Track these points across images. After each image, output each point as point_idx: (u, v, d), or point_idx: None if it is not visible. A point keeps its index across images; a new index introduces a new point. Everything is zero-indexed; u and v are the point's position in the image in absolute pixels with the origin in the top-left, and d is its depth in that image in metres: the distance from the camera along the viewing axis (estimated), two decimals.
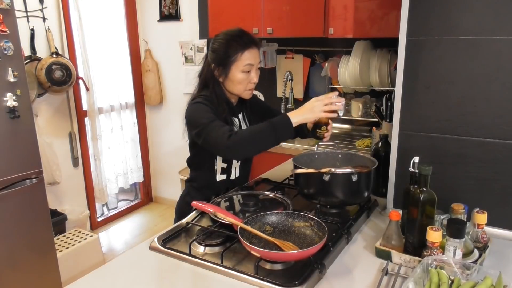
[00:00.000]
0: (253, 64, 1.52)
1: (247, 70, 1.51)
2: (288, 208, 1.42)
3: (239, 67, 1.50)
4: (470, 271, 1.00)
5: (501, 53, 1.26)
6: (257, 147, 1.41)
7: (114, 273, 1.16)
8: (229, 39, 1.51)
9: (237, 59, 1.49)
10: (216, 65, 1.53)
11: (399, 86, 1.43)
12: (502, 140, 1.30)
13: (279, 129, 1.36)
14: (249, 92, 1.58)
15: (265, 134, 1.37)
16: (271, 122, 1.37)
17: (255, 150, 1.44)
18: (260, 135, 1.38)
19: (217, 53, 1.52)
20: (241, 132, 1.40)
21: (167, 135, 3.89)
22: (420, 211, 1.15)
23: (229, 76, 1.52)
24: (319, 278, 1.10)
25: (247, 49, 1.49)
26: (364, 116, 2.71)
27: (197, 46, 3.47)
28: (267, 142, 1.39)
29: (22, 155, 2.12)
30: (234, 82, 1.53)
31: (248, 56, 1.50)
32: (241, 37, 1.51)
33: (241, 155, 1.50)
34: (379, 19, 2.36)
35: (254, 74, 1.54)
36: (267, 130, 1.37)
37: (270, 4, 2.67)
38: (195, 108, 1.51)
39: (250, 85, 1.55)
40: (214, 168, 1.62)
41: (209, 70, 1.55)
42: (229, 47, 1.49)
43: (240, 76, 1.51)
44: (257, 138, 1.38)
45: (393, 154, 1.49)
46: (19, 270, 2.18)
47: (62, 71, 2.84)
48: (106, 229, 3.61)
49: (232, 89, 1.56)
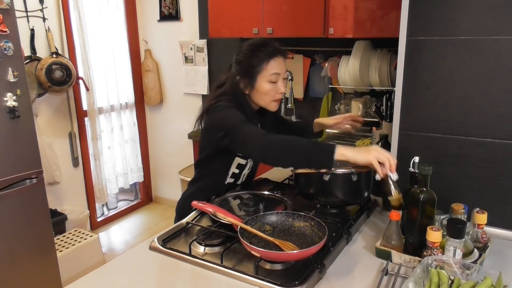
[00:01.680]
0: (279, 73, 1.48)
1: (274, 80, 1.47)
2: (288, 208, 1.42)
3: (265, 77, 1.46)
4: (470, 271, 1.00)
5: (501, 53, 1.26)
6: (288, 158, 1.30)
7: (114, 273, 1.16)
8: (254, 49, 1.47)
9: (263, 69, 1.45)
10: (241, 77, 1.49)
11: (399, 86, 1.43)
12: (502, 140, 1.30)
13: (318, 152, 1.24)
14: (275, 104, 1.53)
15: (301, 149, 1.26)
16: (314, 142, 1.27)
17: (285, 159, 1.31)
18: (296, 146, 1.28)
19: (242, 64, 1.49)
20: (279, 136, 1.33)
21: (167, 135, 3.88)
22: (420, 211, 1.15)
23: (255, 87, 1.48)
24: (319, 278, 1.10)
25: (272, 58, 1.46)
26: (364, 116, 2.70)
27: (197, 46, 3.47)
28: (299, 158, 1.28)
29: (22, 155, 2.12)
30: (261, 93, 1.49)
31: (274, 65, 1.46)
32: (266, 47, 1.47)
33: (269, 158, 1.37)
34: (379, 19, 2.36)
35: (281, 84, 1.50)
36: (305, 147, 1.26)
37: (270, 4, 2.67)
38: (224, 112, 1.45)
39: (277, 96, 1.51)
40: (228, 173, 1.61)
41: (234, 83, 1.51)
42: (254, 57, 1.46)
43: (267, 86, 1.47)
44: (292, 149, 1.28)
45: (393, 154, 1.49)
46: (19, 270, 2.18)
47: (62, 71, 2.84)
48: (106, 229, 3.61)
49: (258, 100, 1.52)
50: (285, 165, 1.37)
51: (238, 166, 1.61)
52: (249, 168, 1.66)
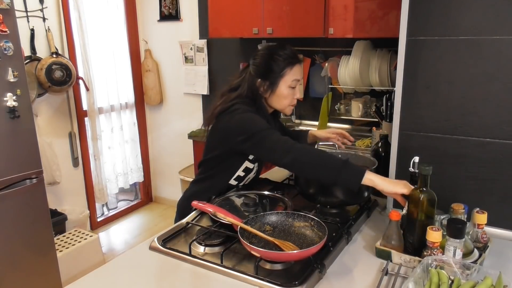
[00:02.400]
0: (299, 79, 1.53)
1: (294, 85, 1.52)
2: (288, 208, 1.42)
3: (287, 82, 1.50)
4: (470, 271, 1.00)
5: (501, 53, 1.26)
6: (318, 172, 1.31)
7: (114, 273, 1.16)
8: (275, 53, 1.50)
9: (286, 74, 1.50)
10: (262, 80, 1.51)
11: (399, 86, 1.43)
12: (502, 140, 1.30)
13: (347, 172, 1.25)
14: (291, 108, 1.58)
15: (333, 167, 1.27)
16: (346, 161, 1.27)
17: (314, 172, 1.32)
18: (328, 162, 1.29)
19: (263, 67, 1.51)
20: (310, 148, 1.37)
21: (167, 135, 3.88)
22: (420, 211, 1.15)
23: (276, 91, 1.51)
24: (319, 278, 1.10)
25: (295, 65, 1.51)
26: (364, 116, 2.71)
27: (197, 46, 3.47)
28: (328, 175, 1.28)
29: (22, 155, 2.12)
30: (280, 97, 1.52)
31: (296, 71, 1.51)
32: (286, 52, 1.50)
33: (298, 168, 1.37)
34: (379, 19, 2.36)
35: (298, 89, 1.55)
36: (336, 165, 1.26)
37: (270, 4, 2.67)
38: (247, 115, 1.46)
39: (294, 101, 1.56)
40: (233, 174, 1.61)
41: (251, 87, 1.52)
42: (276, 62, 1.49)
43: (286, 91, 1.51)
44: (323, 164, 1.29)
45: (393, 154, 1.49)
46: (19, 270, 2.18)
47: (62, 71, 2.85)
48: (106, 229, 3.61)
49: (276, 104, 1.55)
50: (312, 177, 1.39)
51: (245, 169, 1.61)
52: (255, 173, 1.67)
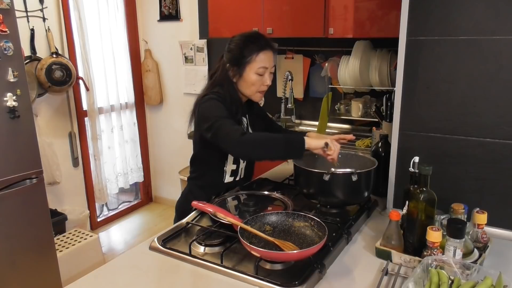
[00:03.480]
0: (267, 67, 1.54)
1: (261, 72, 1.53)
2: (288, 208, 1.42)
3: (253, 69, 1.52)
4: (470, 271, 1.00)
5: (501, 53, 1.26)
6: (266, 153, 1.41)
7: (114, 273, 1.16)
8: (246, 40, 1.53)
9: (252, 60, 1.51)
10: (231, 65, 1.55)
11: (399, 86, 1.43)
12: (502, 140, 1.30)
13: (292, 146, 1.37)
14: (259, 95, 1.60)
15: (278, 145, 1.38)
16: (288, 137, 1.40)
17: (263, 155, 1.43)
18: (273, 143, 1.39)
19: (233, 53, 1.54)
20: (256, 133, 1.42)
21: (167, 135, 3.88)
22: (420, 211, 1.15)
23: (243, 76, 1.54)
24: (319, 278, 1.10)
25: (262, 51, 1.52)
26: (364, 116, 2.71)
27: (197, 46, 3.47)
28: (277, 153, 1.40)
29: (22, 155, 2.12)
30: (248, 83, 1.54)
31: (263, 58, 1.52)
32: (258, 39, 1.54)
33: (248, 154, 1.48)
34: (379, 19, 2.36)
35: (268, 77, 1.56)
36: (281, 142, 1.38)
37: (270, 4, 2.67)
38: (209, 103, 1.51)
39: (262, 88, 1.57)
40: (224, 169, 1.62)
41: (224, 70, 1.57)
42: (245, 48, 1.52)
43: (253, 77, 1.53)
44: (269, 144, 1.39)
45: (393, 154, 1.49)
46: (19, 270, 2.18)
47: (62, 71, 2.84)
48: (106, 229, 3.61)
49: (244, 89, 1.57)
50: (263, 158, 1.50)
51: (234, 161, 1.62)
52: (244, 161, 1.67)
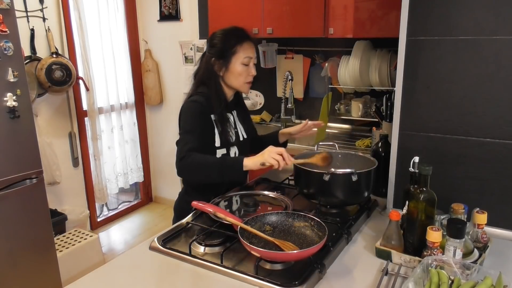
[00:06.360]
0: (251, 56, 1.59)
1: (246, 62, 1.58)
2: (288, 208, 1.42)
3: (239, 59, 1.56)
4: (470, 271, 1.00)
5: (501, 53, 1.26)
6: (203, 178, 1.51)
7: (114, 273, 1.16)
8: (228, 33, 1.59)
9: (237, 51, 1.56)
10: (216, 59, 1.58)
11: (399, 86, 1.43)
12: (502, 140, 1.30)
13: (228, 169, 1.43)
14: (247, 86, 1.63)
15: (213, 169, 1.44)
16: (224, 160, 1.47)
17: (200, 179, 1.55)
18: (209, 167, 1.45)
19: (217, 47, 1.58)
20: (194, 158, 1.45)
21: (167, 135, 3.88)
22: (420, 211, 1.15)
23: (229, 68, 1.57)
24: (319, 278, 1.10)
25: (245, 41, 1.58)
26: (364, 116, 2.71)
27: (197, 46, 3.47)
28: (213, 177, 1.46)
29: (22, 155, 2.12)
30: (235, 74, 1.58)
31: (247, 47, 1.58)
32: (239, 31, 1.61)
33: (186, 177, 1.63)
34: (379, 19, 2.36)
35: (253, 67, 1.61)
36: (216, 166, 1.44)
37: (270, 4, 2.67)
38: (185, 111, 1.60)
39: (249, 78, 1.61)
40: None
41: (208, 67, 1.60)
42: (228, 40, 1.57)
43: (240, 68, 1.57)
44: (205, 169, 1.45)
45: (393, 154, 1.49)
46: (19, 270, 2.18)
47: (62, 71, 2.84)
48: (106, 229, 3.61)
49: (232, 81, 1.60)
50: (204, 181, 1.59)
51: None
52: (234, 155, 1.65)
